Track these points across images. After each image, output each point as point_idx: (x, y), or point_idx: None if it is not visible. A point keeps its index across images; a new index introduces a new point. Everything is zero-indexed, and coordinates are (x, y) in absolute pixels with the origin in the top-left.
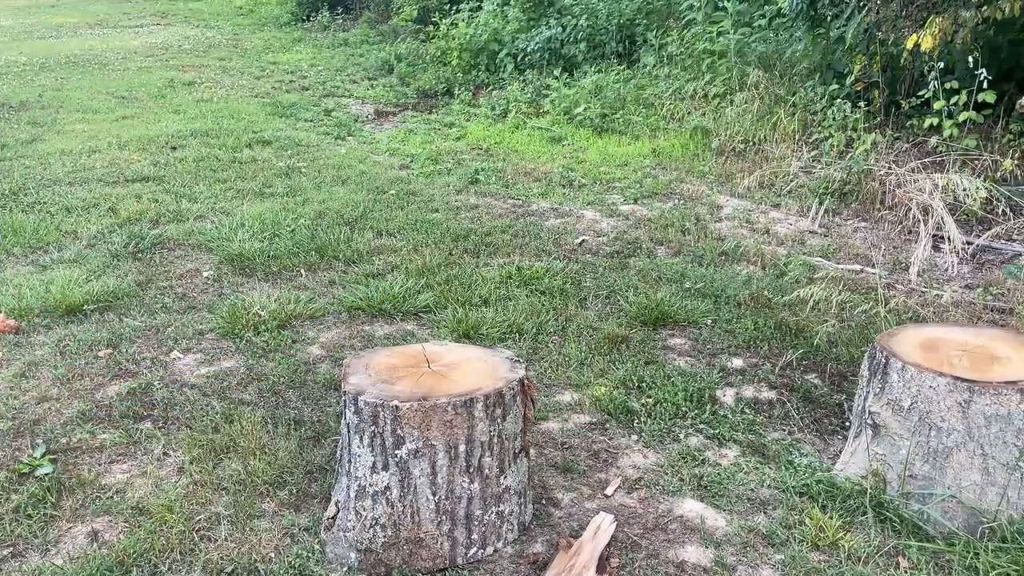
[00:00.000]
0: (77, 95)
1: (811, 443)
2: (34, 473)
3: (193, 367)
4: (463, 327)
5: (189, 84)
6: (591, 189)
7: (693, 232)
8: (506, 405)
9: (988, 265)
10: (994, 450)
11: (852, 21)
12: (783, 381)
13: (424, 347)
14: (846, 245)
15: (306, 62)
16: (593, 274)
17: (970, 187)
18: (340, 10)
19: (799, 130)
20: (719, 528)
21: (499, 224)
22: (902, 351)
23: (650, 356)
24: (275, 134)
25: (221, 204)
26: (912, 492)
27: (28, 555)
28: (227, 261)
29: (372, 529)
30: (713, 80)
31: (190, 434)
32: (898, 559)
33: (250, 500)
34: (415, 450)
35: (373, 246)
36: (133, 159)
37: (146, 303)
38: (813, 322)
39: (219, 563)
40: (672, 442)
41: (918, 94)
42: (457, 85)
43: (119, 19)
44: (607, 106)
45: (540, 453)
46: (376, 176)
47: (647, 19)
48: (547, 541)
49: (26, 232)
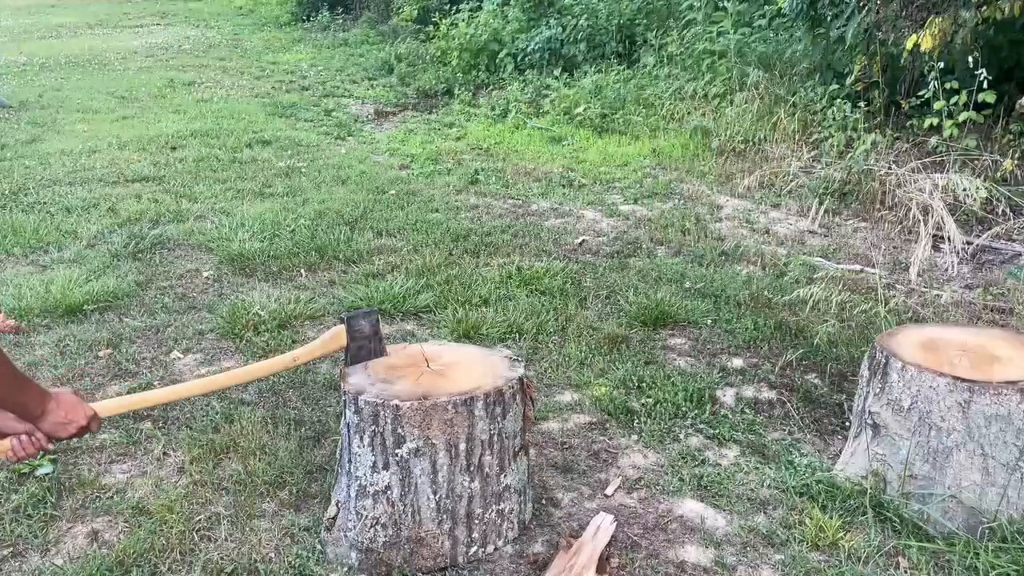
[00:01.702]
0: (77, 95)
1: (811, 443)
2: (34, 473)
3: (193, 367)
4: (463, 327)
5: (189, 84)
6: (591, 189)
7: (693, 232)
8: (506, 403)
9: (988, 265)
10: (994, 450)
11: (852, 21)
12: (783, 381)
13: (423, 347)
14: (846, 245)
15: (306, 62)
16: (593, 274)
17: (970, 187)
18: (340, 10)
19: (799, 130)
20: (719, 528)
21: (499, 224)
22: (902, 351)
23: (650, 356)
24: (275, 134)
25: (221, 204)
26: (912, 492)
27: (28, 555)
28: (227, 261)
29: (373, 529)
30: (713, 80)
31: (190, 434)
32: (898, 559)
33: (250, 500)
34: (416, 449)
35: (373, 246)
36: (133, 159)
37: (146, 303)
38: (813, 322)
39: (219, 563)
40: (672, 442)
41: (918, 94)
42: (457, 85)
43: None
44: (607, 106)
45: (540, 453)
46: (376, 176)
47: (647, 19)
48: (547, 541)
49: (26, 232)
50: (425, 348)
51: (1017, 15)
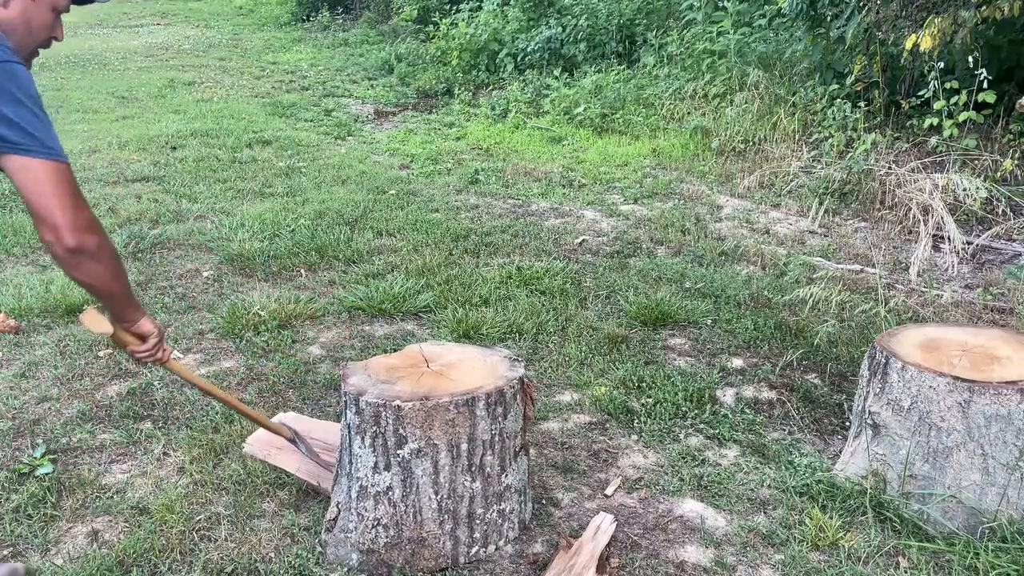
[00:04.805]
0: (77, 95)
1: (811, 443)
2: (34, 473)
3: (193, 367)
4: (463, 327)
5: (189, 84)
6: (591, 189)
7: (693, 232)
8: (507, 403)
9: (988, 265)
10: (994, 450)
11: (852, 21)
12: (783, 381)
13: (422, 347)
14: (846, 245)
15: (306, 62)
16: (593, 274)
17: (970, 187)
18: (340, 10)
19: (799, 130)
20: (719, 528)
21: (499, 224)
22: (902, 351)
23: (650, 356)
24: (275, 134)
25: (221, 204)
26: (912, 492)
27: (28, 555)
28: (227, 261)
29: (374, 529)
30: (713, 80)
31: (190, 434)
32: (898, 559)
33: (250, 500)
34: (417, 450)
35: (373, 246)
36: (133, 159)
37: (146, 303)
38: (813, 322)
39: (219, 563)
40: (672, 442)
41: (918, 94)
42: (457, 85)
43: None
44: (607, 106)
45: (540, 453)
46: (376, 176)
47: (647, 19)
48: (547, 541)
49: (26, 232)
50: (425, 348)
51: (1017, 15)
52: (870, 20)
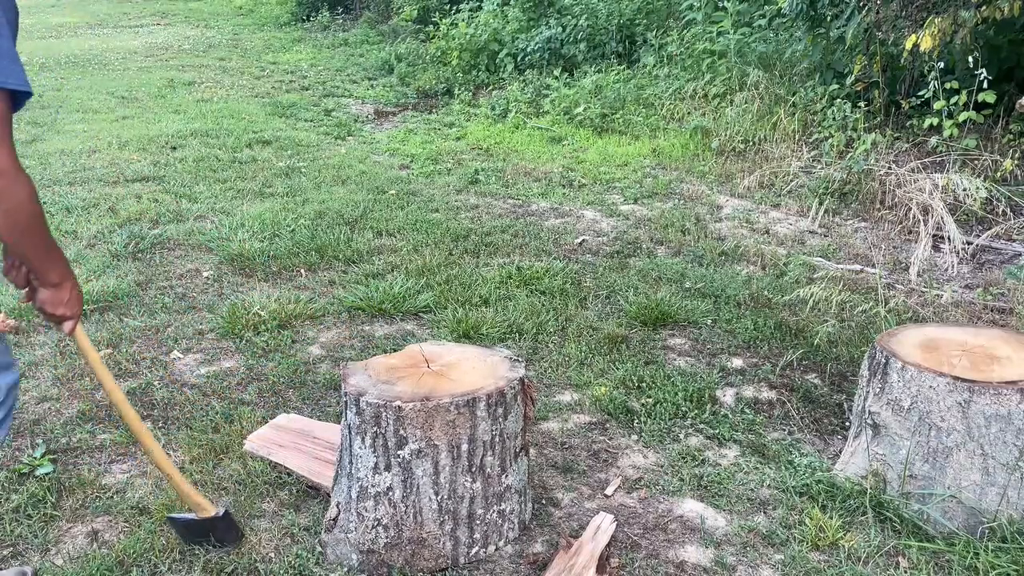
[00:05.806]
0: (77, 95)
1: (811, 443)
2: (34, 473)
3: (193, 367)
4: (463, 327)
5: (189, 84)
6: (591, 189)
7: (693, 232)
8: (507, 404)
9: (988, 265)
10: (994, 450)
11: (852, 21)
12: (783, 381)
13: (422, 347)
14: (846, 245)
15: (306, 62)
16: (593, 274)
17: (970, 187)
18: (340, 10)
19: (799, 130)
20: (719, 528)
21: (499, 224)
22: (902, 351)
23: (650, 356)
24: (275, 134)
25: (221, 204)
26: (912, 492)
27: (28, 555)
28: (227, 261)
29: (374, 530)
30: (713, 80)
31: (190, 434)
32: (898, 559)
33: (250, 500)
34: (418, 450)
35: (373, 246)
36: (133, 159)
37: (146, 303)
38: (813, 322)
39: (219, 563)
40: (672, 442)
41: (918, 94)
42: (457, 85)
43: (119, 19)
44: (607, 106)
45: (540, 453)
46: (376, 176)
47: (647, 19)
48: (547, 541)
49: None
50: (425, 348)
51: (1017, 15)
52: (870, 20)
